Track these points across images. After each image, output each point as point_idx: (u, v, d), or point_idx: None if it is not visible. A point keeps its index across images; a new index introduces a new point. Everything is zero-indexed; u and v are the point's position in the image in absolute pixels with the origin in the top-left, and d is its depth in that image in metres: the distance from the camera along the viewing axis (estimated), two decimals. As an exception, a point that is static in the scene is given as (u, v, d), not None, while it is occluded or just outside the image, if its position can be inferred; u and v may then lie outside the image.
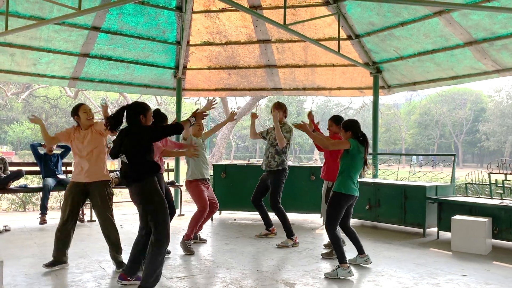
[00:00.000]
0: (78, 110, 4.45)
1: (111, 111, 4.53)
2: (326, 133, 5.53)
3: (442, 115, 46.54)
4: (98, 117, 22.27)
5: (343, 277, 4.24)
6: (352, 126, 4.45)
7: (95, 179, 4.43)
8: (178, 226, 6.93)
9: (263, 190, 5.89)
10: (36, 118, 4.81)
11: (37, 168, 7.54)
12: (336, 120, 5.20)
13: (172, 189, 8.98)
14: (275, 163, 5.68)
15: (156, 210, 3.63)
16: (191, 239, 5.35)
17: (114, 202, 10.61)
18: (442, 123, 48.16)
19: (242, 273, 4.43)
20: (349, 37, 8.08)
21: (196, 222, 5.40)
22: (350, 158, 4.35)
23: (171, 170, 8.81)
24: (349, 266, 4.31)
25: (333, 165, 5.07)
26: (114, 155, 3.79)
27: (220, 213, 8.23)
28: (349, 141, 4.34)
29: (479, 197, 6.62)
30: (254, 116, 6.01)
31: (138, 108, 3.77)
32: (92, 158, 4.44)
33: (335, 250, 4.39)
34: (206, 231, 6.65)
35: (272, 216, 6.03)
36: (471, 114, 47.46)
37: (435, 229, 6.46)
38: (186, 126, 3.84)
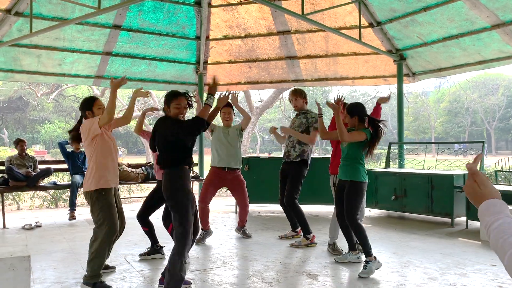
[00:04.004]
0: (93, 105, 3.87)
1: (137, 108, 4.08)
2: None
3: (473, 102, 45.11)
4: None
5: (376, 270, 4.05)
6: (357, 110, 4.23)
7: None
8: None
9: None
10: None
11: (66, 166, 7.74)
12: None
13: (196, 183, 9.12)
14: (294, 153, 5.22)
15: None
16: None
17: (136, 197, 10.83)
18: (473, 110, 46.70)
19: (265, 265, 4.43)
20: (370, 25, 7.91)
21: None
22: (361, 146, 4.17)
23: (195, 164, 8.88)
24: (376, 257, 4.11)
25: None
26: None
27: (245, 206, 8.26)
28: (364, 132, 4.13)
29: (510, 185, 6.40)
30: (273, 131, 5.63)
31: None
32: None
33: (361, 241, 4.14)
34: (230, 224, 6.70)
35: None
36: (504, 100, 45.80)
37: (464, 218, 6.29)
38: (206, 114, 3.53)
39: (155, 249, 4.72)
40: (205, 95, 10.60)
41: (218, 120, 5.31)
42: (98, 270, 3.68)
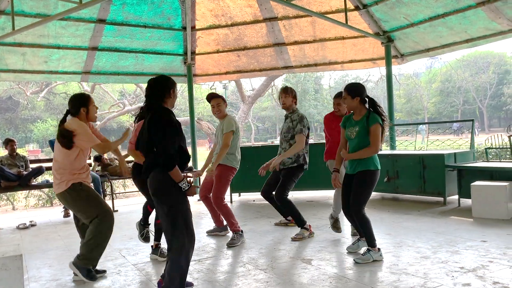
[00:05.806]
0: (89, 102, 3.81)
1: (128, 102, 3.93)
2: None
3: (464, 81, 45.15)
4: (117, 109, 22.54)
5: (376, 261, 3.93)
6: (359, 92, 3.97)
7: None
8: (198, 210, 7.02)
9: (274, 182, 5.11)
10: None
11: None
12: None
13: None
14: (289, 160, 4.96)
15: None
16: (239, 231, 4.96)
17: (131, 192, 10.82)
18: (464, 89, 46.82)
19: (259, 252, 4.46)
20: (356, 8, 7.87)
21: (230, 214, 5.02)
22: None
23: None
24: (379, 249, 3.98)
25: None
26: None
27: (239, 195, 8.29)
28: (377, 123, 3.87)
29: (500, 162, 6.45)
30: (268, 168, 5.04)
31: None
32: None
33: (365, 232, 4.03)
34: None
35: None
36: (495, 77, 45.92)
37: (456, 196, 6.35)
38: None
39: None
40: (200, 86, 10.57)
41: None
42: (97, 256, 3.75)
